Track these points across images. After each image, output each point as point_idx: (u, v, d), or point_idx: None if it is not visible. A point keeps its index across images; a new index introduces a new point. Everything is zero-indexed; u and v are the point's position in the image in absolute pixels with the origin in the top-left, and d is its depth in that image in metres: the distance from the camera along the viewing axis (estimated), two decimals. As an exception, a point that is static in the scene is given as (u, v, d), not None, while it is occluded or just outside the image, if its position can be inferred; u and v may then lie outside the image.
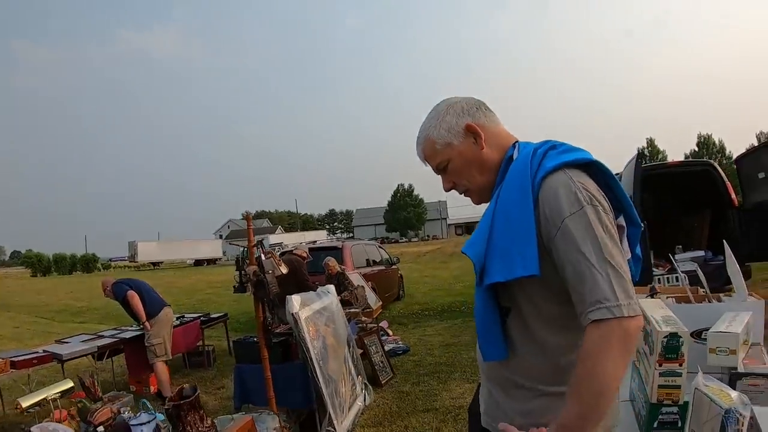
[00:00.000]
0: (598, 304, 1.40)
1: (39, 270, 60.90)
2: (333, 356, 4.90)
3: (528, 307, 1.63)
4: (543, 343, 1.62)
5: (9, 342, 13.40)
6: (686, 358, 1.93)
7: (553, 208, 1.52)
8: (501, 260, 1.59)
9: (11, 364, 6.61)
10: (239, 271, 5.11)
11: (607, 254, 1.44)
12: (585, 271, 1.44)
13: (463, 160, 1.80)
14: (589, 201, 1.50)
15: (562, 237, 1.49)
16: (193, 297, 22.23)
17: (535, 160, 1.64)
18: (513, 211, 1.59)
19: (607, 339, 1.38)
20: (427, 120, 1.86)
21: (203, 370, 9.13)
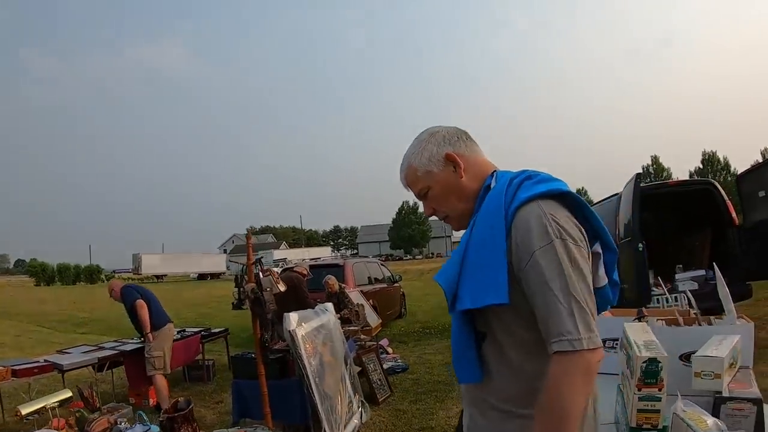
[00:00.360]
0: (560, 336, 1.46)
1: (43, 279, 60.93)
2: (330, 373, 4.93)
3: (502, 333, 1.66)
4: (517, 368, 1.65)
5: (11, 350, 13.43)
6: (665, 383, 1.96)
7: (524, 239, 1.56)
8: (472, 288, 1.64)
9: (12, 373, 6.67)
10: (238, 288, 5.18)
11: (572, 288, 1.49)
12: (550, 303, 1.49)
13: (442, 187, 1.86)
14: (558, 234, 1.55)
15: (531, 269, 1.53)
16: (195, 311, 22.25)
17: (510, 190, 1.69)
18: (486, 240, 1.64)
19: (568, 370, 1.45)
20: (410, 148, 1.94)
21: (202, 384, 9.15)
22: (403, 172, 1.95)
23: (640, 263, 7.65)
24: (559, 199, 1.67)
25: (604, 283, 1.79)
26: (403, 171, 1.95)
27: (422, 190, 1.90)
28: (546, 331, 1.51)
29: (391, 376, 8.37)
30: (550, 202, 1.63)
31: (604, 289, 1.79)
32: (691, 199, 9.45)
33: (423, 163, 1.87)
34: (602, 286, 1.78)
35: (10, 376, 6.62)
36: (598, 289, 1.74)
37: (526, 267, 1.55)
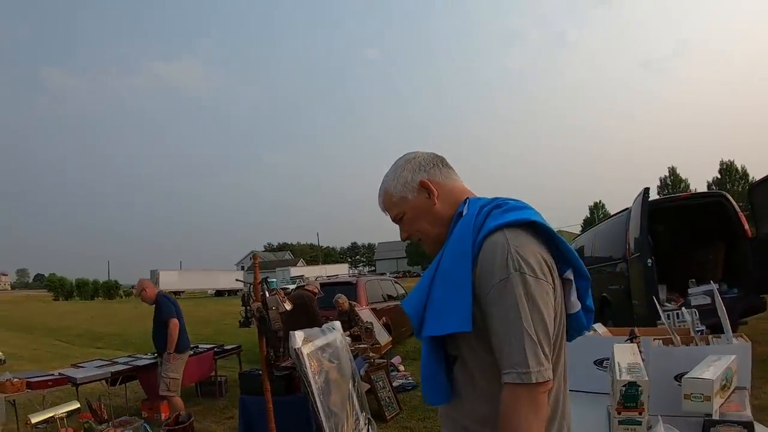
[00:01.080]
0: (510, 368, 1.51)
1: (61, 294, 61.29)
2: (336, 391, 4.96)
3: (470, 357, 1.69)
4: (486, 390, 1.66)
5: (28, 363, 13.53)
6: (647, 407, 1.98)
7: (486, 271, 1.60)
8: (436, 315, 1.68)
9: (27, 384, 6.84)
10: (245, 307, 5.25)
11: (525, 322, 1.52)
12: (503, 335, 1.54)
13: (416, 213, 1.90)
14: (518, 267, 1.56)
15: (490, 300, 1.57)
16: (211, 327, 22.28)
17: (479, 218, 1.72)
18: (451, 268, 1.67)
19: (516, 402, 1.50)
20: (387, 173, 1.99)
21: (214, 400, 9.19)
22: (381, 197, 2.00)
23: (649, 279, 7.63)
24: (527, 228, 1.69)
25: (577, 309, 1.80)
26: (380, 196, 2.00)
27: (398, 215, 1.95)
28: (499, 361, 1.56)
29: (401, 394, 8.38)
30: (516, 231, 1.66)
31: (578, 314, 1.81)
32: (703, 212, 9.39)
33: (398, 190, 1.91)
34: (575, 312, 1.80)
35: (25, 388, 6.79)
36: (571, 314, 1.79)
37: (487, 297, 1.58)
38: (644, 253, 7.69)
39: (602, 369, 3.12)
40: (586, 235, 13.55)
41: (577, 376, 3.10)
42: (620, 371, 2.07)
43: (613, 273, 9.75)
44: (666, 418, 2.22)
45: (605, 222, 12.01)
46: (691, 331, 3.15)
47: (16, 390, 6.65)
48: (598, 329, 3.59)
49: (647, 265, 7.58)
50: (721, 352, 2.56)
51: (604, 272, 10.30)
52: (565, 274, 1.76)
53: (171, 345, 7.33)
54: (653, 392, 2.47)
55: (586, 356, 3.22)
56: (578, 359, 3.16)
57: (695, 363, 2.45)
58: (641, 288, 7.81)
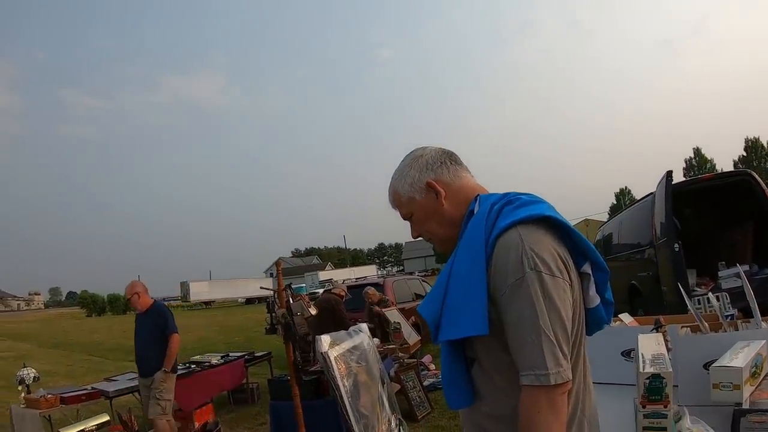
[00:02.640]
0: (528, 370, 1.48)
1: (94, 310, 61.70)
2: (365, 393, 4.95)
3: (487, 359, 1.66)
4: (504, 390, 1.63)
5: (63, 379, 13.69)
6: (671, 399, 1.92)
7: (500, 270, 1.55)
8: (452, 319, 1.63)
9: (61, 400, 6.96)
10: (270, 314, 5.26)
11: (542, 322, 1.48)
12: (520, 336, 1.51)
13: (424, 213, 1.85)
14: (533, 266, 1.52)
15: (505, 300, 1.54)
16: (243, 335, 22.39)
17: (490, 217, 1.67)
18: (465, 270, 1.63)
19: (535, 405, 1.48)
20: (395, 172, 1.94)
21: (247, 407, 9.27)
22: (390, 195, 1.95)
23: (677, 264, 7.53)
24: (541, 223, 1.64)
25: (596, 303, 1.75)
26: (390, 195, 1.95)
27: (407, 214, 1.91)
28: (516, 362, 1.53)
29: (432, 393, 8.35)
30: (530, 227, 1.61)
31: (597, 308, 1.76)
32: (729, 192, 9.16)
33: (405, 190, 1.86)
34: (595, 306, 1.75)
35: (59, 403, 6.92)
36: (590, 309, 1.74)
37: (502, 298, 1.55)
38: (671, 237, 7.59)
39: (629, 360, 3.08)
40: (613, 222, 13.39)
41: (604, 368, 3.09)
42: (644, 363, 2.02)
43: (641, 260, 9.61)
44: (695, 409, 2.18)
45: (631, 208, 11.85)
46: (720, 317, 3.10)
47: (51, 405, 6.79)
48: (624, 319, 3.55)
49: (674, 249, 7.48)
50: (750, 338, 2.50)
51: (632, 259, 10.20)
52: (583, 268, 1.71)
53: (170, 363, 6.70)
54: (682, 382, 2.43)
55: (613, 347, 3.18)
56: (604, 350, 3.15)
57: (724, 350, 2.40)
58: (670, 274, 7.70)
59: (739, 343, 2.46)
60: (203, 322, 33.12)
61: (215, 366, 8.87)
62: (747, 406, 2.15)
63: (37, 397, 6.85)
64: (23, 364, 8.24)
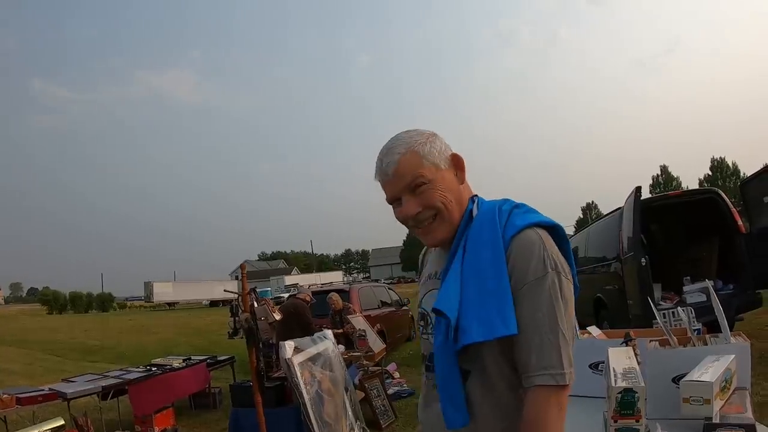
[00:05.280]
0: (543, 370, 1.44)
1: (55, 308, 61.06)
2: (329, 401, 4.90)
3: (492, 367, 1.58)
4: (506, 403, 1.58)
5: (20, 378, 13.45)
6: (644, 413, 1.90)
7: (521, 267, 1.53)
8: (479, 320, 1.53)
9: (17, 401, 6.78)
10: (233, 318, 5.20)
11: (560, 321, 1.48)
12: (536, 335, 1.47)
13: (445, 185, 1.66)
14: (554, 266, 1.53)
15: (523, 297, 1.51)
16: (206, 338, 22.26)
17: (501, 216, 1.63)
18: (487, 268, 1.56)
19: (547, 405, 1.44)
20: (408, 136, 1.70)
21: (209, 412, 9.15)
22: (398, 154, 1.66)
23: (644, 278, 7.59)
24: (550, 231, 1.64)
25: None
26: (396, 153, 1.66)
27: (419, 180, 1.64)
28: (526, 362, 1.49)
29: (397, 401, 8.33)
30: (544, 232, 1.61)
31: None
32: (696, 209, 9.37)
33: (432, 154, 1.66)
34: None
35: (14, 404, 6.74)
36: None
37: (519, 294, 1.52)
38: (638, 252, 7.66)
39: (597, 372, 3.05)
40: (580, 236, 13.50)
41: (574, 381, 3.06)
42: (615, 377, 1.99)
43: (607, 273, 9.70)
44: (665, 422, 2.16)
45: (598, 222, 12.01)
46: (688, 330, 3.09)
47: (6, 406, 6.61)
48: (592, 332, 3.53)
49: (641, 264, 7.55)
50: (719, 353, 2.48)
51: (598, 272, 10.27)
52: None
53: None
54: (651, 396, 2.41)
55: (581, 359, 3.12)
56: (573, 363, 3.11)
57: (693, 364, 2.36)
58: (636, 287, 7.77)
59: (708, 357, 2.44)
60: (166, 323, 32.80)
61: (177, 369, 8.74)
62: (717, 420, 2.13)
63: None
64: (-22, 362, 8.08)
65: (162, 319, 37.80)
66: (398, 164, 1.64)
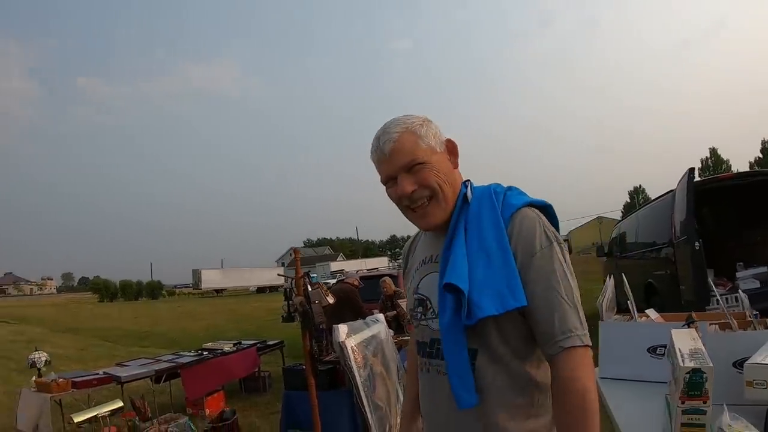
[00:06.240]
0: (569, 332, 1.49)
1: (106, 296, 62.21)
2: (381, 384, 4.90)
3: (499, 343, 1.60)
4: (516, 378, 1.61)
5: (74, 363, 13.72)
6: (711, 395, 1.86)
7: (525, 242, 1.58)
8: (491, 294, 1.55)
9: (72, 384, 6.92)
10: (287, 302, 5.21)
11: (574, 287, 1.55)
12: (555, 302, 1.51)
13: (440, 168, 1.68)
14: (555, 238, 1.60)
15: (532, 270, 1.55)
16: (254, 323, 22.37)
17: (497, 197, 1.70)
18: (492, 246, 1.60)
19: (584, 363, 1.48)
20: (405, 118, 1.71)
21: (258, 395, 9.24)
22: (396, 133, 1.67)
23: (698, 263, 7.41)
24: (541, 210, 1.70)
25: None
26: (395, 132, 1.67)
27: (415, 160, 1.65)
28: (549, 329, 1.52)
29: (445, 386, 8.25)
30: (537, 210, 1.68)
31: None
32: (749, 192, 9.12)
33: (428, 136, 1.68)
34: None
35: (70, 388, 6.87)
36: None
37: (527, 267, 1.56)
38: (691, 236, 7.48)
39: (656, 356, 3.00)
40: (628, 221, 13.26)
41: (628, 364, 3.02)
42: (683, 357, 1.94)
43: (657, 258, 9.48)
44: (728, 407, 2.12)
45: (648, 206, 11.71)
46: (748, 314, 3.03)
47: (62, 390, 6.75)
48: (651, 315, 3.46)
49: (695, 248, 7.36)
50: (783, 336, 2.40)
51: (649, 257, 10.07)
52: None
53: None
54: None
55: (639, 343, 3.08)
56: (629, 346, 3.07)
57: (755, 348, 2.29)
58: (689, 273, 7.60)
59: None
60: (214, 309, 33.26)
61: (228, 353, 8.85)
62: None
63: (48, 380, 6.81)
64: (35, 347, 8.24)
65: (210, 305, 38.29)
66: (395, 143, 1.66)
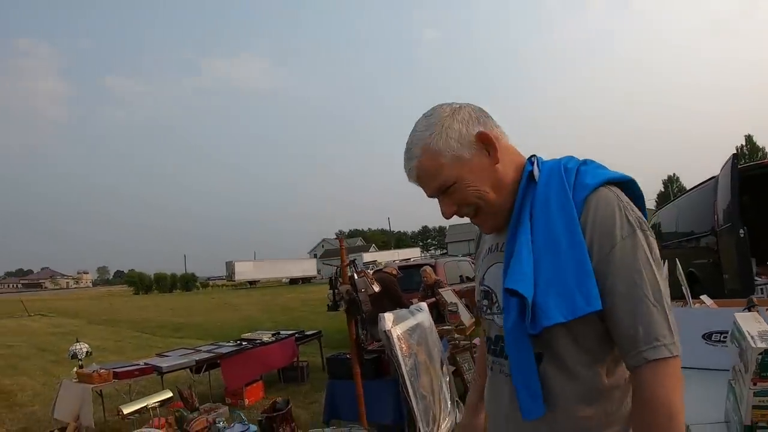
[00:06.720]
0: (655, 341, 1.27)
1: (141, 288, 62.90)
2: (425, 373, 4.88)
3: (568, 348, 1.41)
4: (591, 388, 1.41)
5: (112, 355, 13.88)
6: (783, 376, 1.82)
7: (602, 231, 1.35)
8: (559, 297, 1.35)
9: (114, 375, 6.96)
10: (333, 290, 5.19)
11: (662, 284, 1.31)
12: (638, 303, 1.30)
13: (475, 177, 1.49)
14: (639, 225, 1.36)
15: (611, 264, 1.33)
16: (288, 314, 22.49)
17: (568, 176, 1.45)
18: (561, 238, 1.38)
19: (672, 379, 1.27)
20: (422, 128, 1.53)
21: (297, 385, 9.28)
22: (416, 159, 1.51)
23: (743, 250, 7.28)
24: (624, 188, 1.47)
25: None
26: (414, 158, 1.52)
27: (445, 183, 1.50)
28: (631, 336, 1.30)
29: (486, 376, 8.20)
30: (618, 189, 1.44)
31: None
32: None
33: (450, 146, 1.47)
34: None
35: (111, 378, 6.93)
36: None
37: (605, 262, 1.34)
38: (736, 223, 7.34)
39: (711, 343, 2.94)
40: (667, 210, 13.11)
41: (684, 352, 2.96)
42: (753, 339, 1.88)
43: (698, 247, 9.37)
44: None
45: (688, 194, 11.51)
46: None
47: (104, 380, 6.81)
48: (705, 301, 3.41)
49: (740, 236, 7.22)
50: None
51: (689, 246, 9.94)
52: None
53: None
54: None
55: (694, 330, 3.02)
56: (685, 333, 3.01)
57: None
58: (734, 261, 7.47)
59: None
60: (249, 301, 33.45)
61: (266, 344, 8.89)
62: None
63: (89, 371, 6.88)
64: (76, 339, 8.32)
65: (244, 297, 38.51)
66: (418, 170, 1.51)
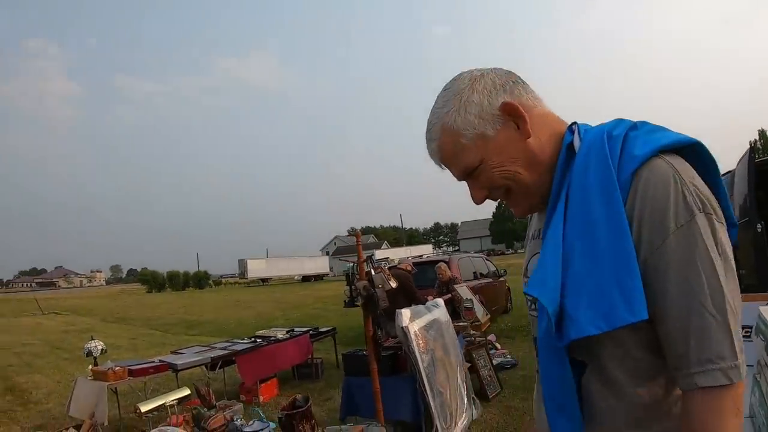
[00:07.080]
0: (708, 363, 1.02)
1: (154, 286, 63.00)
2: (441, 369, 4.87)
3: (611, 358, 1.17)
4: (628, 398, 1.16)
5: (126, 352, 13.93)
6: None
7: (652, 217, 1.08)
8: (593, 303, 1.10)
9: (129, 372, 6.98)
10: (349, 286, 5.16)
11: (725, 288, 1.03)
12: (692, 312, 1.04)
13: (502, 156, 1.25)
14: (702, 207, 1.06)
15: (662, 261, 1.07)
16: (301, 311, 22.51)
17: (613, 145, 1.17)
18: (599, 225, 1.12)
19: (725, 415, 1.04)
20: (440, 104, 1.30)
21: (311, 382, 9.24)
22: (435, 141, 1.30)
23: (760, 245, 7.21)
24: (687, 155, 1.16)
25: None
26: (434, 140, 1.30)
27: (469, 166, 1.28)
28: (681, 353, 1.06)
29: (501, 372, 8.22)
30: (678, 158, 1.13)
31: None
32: None
33: (470, 123, 1.24)
34: None
35: (127, 376, 6.95)
36: None
37: (655, 255, 1.08)
38: (753, 218, 7.26)
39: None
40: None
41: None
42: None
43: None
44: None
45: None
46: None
47: (119, 378, 6.82)
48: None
49: (758, 230, 7.15)
50: None
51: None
52: None
53: None
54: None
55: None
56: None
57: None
58: (751, 256, 7.40)
59: None
60: (261, 298, 33.46)
61: (281, 341, 8.87)
62: None
63: (105, 369, 6.88)
64: (91, 336, 8.33)
65: (257, 294, 38.51)
66: (440, 152, 1.31)
